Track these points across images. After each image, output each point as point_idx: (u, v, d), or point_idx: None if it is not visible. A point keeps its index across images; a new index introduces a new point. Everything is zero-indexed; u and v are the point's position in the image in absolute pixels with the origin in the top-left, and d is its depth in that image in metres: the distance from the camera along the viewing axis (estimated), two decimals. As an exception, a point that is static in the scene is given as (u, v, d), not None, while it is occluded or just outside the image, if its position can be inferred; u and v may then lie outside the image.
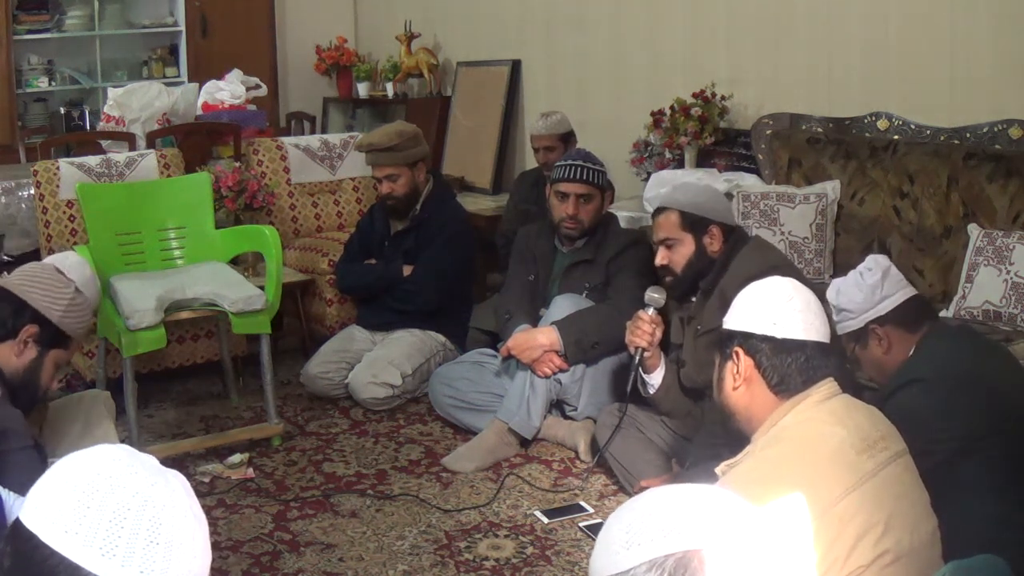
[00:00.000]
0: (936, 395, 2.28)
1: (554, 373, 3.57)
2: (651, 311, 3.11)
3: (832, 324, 2.13)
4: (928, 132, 4.00)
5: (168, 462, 1.14)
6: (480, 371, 3.87)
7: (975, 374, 2.32)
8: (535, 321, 3.70)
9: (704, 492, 1.13)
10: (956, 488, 2.19)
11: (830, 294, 2.55)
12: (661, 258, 3.11)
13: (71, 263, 3.12)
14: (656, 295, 3.12)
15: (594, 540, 1.17)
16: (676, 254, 3.07)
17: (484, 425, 3.64)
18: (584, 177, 3.71)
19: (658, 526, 1.08)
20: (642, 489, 2.87)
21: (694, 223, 3.06)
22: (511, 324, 3.71)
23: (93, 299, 3.19)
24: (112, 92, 5.59)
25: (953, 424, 2.25)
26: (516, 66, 6.22)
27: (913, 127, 4.06)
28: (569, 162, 3.76)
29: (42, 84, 6.99)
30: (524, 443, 3.64)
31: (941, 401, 2.27)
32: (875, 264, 2.49)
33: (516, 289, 3.89)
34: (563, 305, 3.62)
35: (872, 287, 2.46)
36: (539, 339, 3.55)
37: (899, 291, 2.47)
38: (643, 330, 3.08)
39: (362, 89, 7.27)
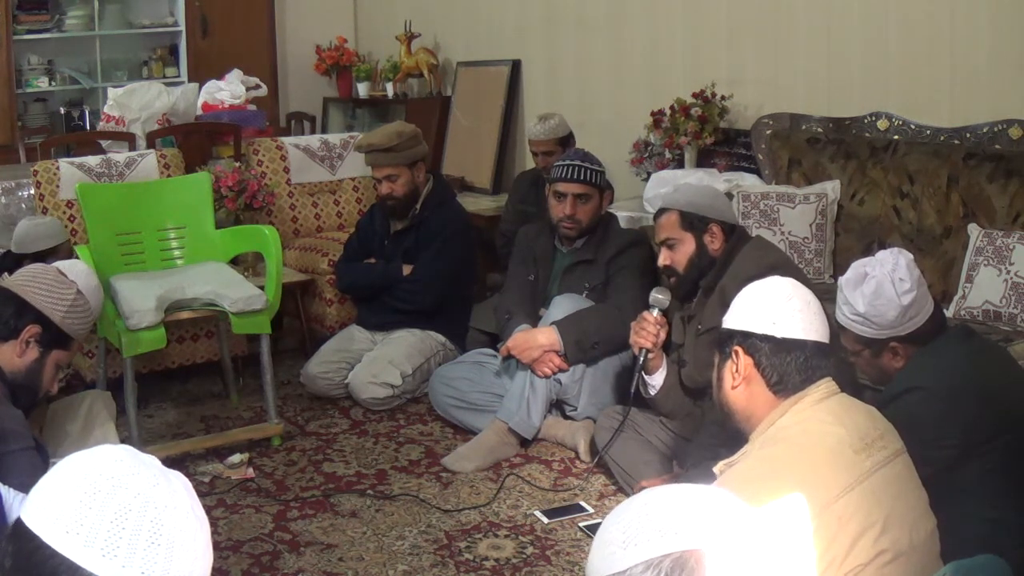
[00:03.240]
0: (935, 404, 2.26)
1: (554, 373, 3.57)
2: (656, 312, 3.10)
3: (830, 320, 2.12)
4: (928, 132, 4.00)
5: (168, 462, 1.14)
6: (480, 371, 3.88)
7: (974, 380, 2.30)
8: (535, 321, 3.70)
9: (701, 492, 1.13)
10: (954, 491, 2.18)
11: (851, 293, 2.40)
12: (663, 259, 3.11)
13: (78, 271, 3.13)
14: (661, 296, 3.12)
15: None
16: (678, 254, 3.08)
17: (484, 425, 3.65)
18: (581, 177, 3.71)
19: (655, 526, 1.08)
20: (641, 489, 2.86)
21: (694, 222, 3.06)
22: (511, 324, 3.71)
23: (96, 307, 3.20)
24: (112, 92, 5.59)
25: (953, 432, 2.24)
26: (516, 66, 6.22)
27: (913, 127, 4.06)
28: (567, 162, 3.76)
29: (42, 84, 6.98)
30: (524, 443, 3.64)
31: (941, 409, 2.25)
32: (907, 274, 2.34)
33: (516, 289, 3.89)
34: (563, 305, 3.62)
35: (906, 307, 2.34)
36: (539, 339, 3.55)
37: (924, 307, 2.37)
38: (648, 331, 3.09)
39: (362, 89, 7.27)
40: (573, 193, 3.72)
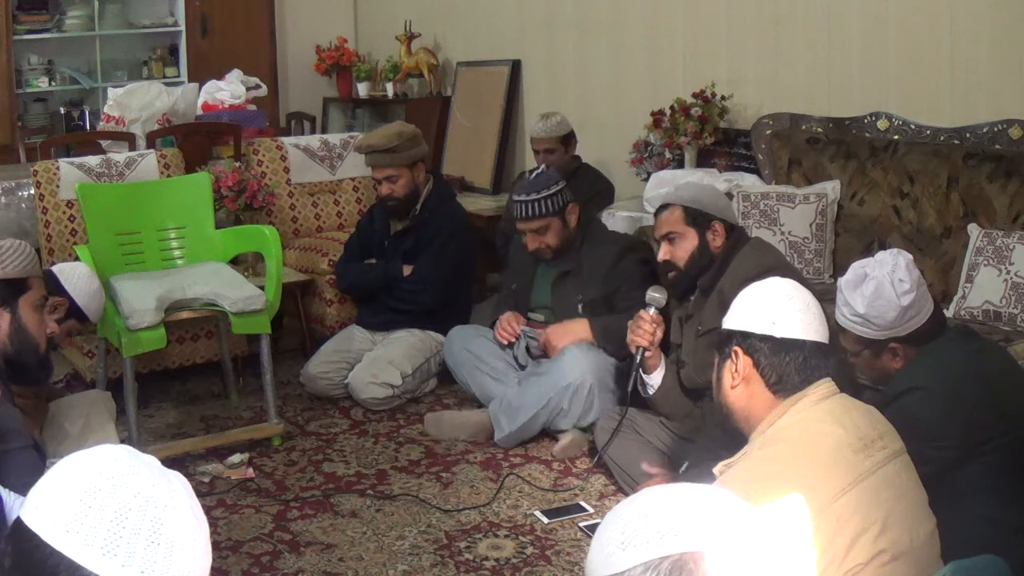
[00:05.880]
0: (936, 403, 2.26)
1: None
2: (652, 311, 3.11)
3: (829, 321, 2.11)
4: (928, 132, 4.00)
5: (168, 462, 1.14)
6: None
7: (974, 381, 2.30)
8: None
9: (701, 493, 1.12)
10: (955, 491, 2.18)
11: (852, 295, 2.40)
12: (664, 253, 3.10)
13: (80, 274, 3.13)
14: (657, 295, 3.12)
15: (594, 540, 1.17)
16: (679, 249, 3.07)
17: (491, 392, 3.74)
18: (530, 214, 3.68)
19: (654, 527, 1.07)
20: (647, 475, 2.85)
21: (697, 218, 3.06)
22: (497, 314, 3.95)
23: (98, 309, 3.19)
24: (112, 92, 5.59)
25: (953, 432, 2.24)
26: (516, 66, 6.22)
27: (913, 127, 4.06)
28: (516, 198, 3.74)
29: (42, 84, 6.99)
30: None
31: (941, 410, 2.25)
32: (907, 275, 2.34)
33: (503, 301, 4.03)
34: (576, 355, 3.58)
35: (906, 308, 2.34)
36: (578, 332, 3.65)
37: (924, 307, 2.37)
38: (645, 329, 3.09)
39: (362, 89, 7.27)
40: (529, 230, 3.72)
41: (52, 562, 1.00)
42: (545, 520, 3.12)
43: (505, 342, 3.84)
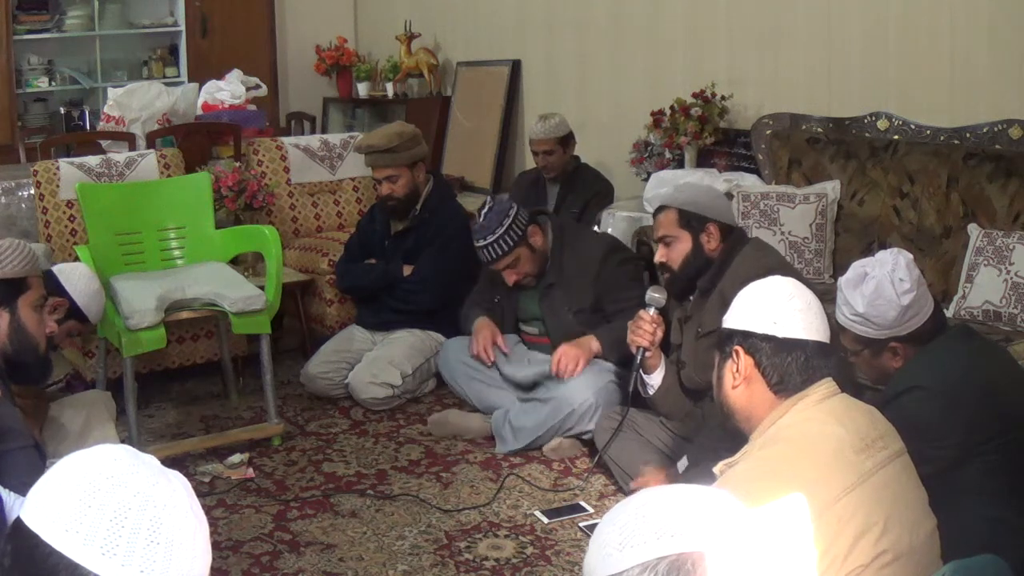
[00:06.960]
0: (936, 403, 2.26)
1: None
2: (652, 311, 3.11)
3: (830, 320, 2.11)
4: (928, 132, 4.00)
5: (168, 462, 1.14)
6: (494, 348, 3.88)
7: (974, 380, 2.30)
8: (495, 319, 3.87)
9: (699, 494, 1.12)
10: (955, 491, 2.18)
11: (852, 295, 2.39)
12: (660, 255, 3.11)
13: (80, 274, 3.12)
14: (657, 295, 3.12)
15: (594, 540, 1.17)
16: (674, 251, 3.08)
17: (490, 400, 3.75)
18: (495, 255, 3.67)
19: (652, 528, 1.07)
20: (634, 490, 2.85)
21: (691, 221, 3.06)
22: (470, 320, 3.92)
23: (98, 310, 3.19)
24: (112, 92, 5.59)
25: (953, 431, 2.24)
26: (516, 66, 6.23)
27: (913, 127, 4.06)
28: (477, 244, 3.71)
29: (42, 84, 6.99)
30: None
31: (941, 409, 2.25)
32: (907, 274, 2.34)
33: (477, 304, 3.98)
34: (582, 381, 3.56)
35: (906, 307, 2.34)
36: (592, 348, 3.59)
37: (924, 307, 2.37)
38: (645, 330, 3.09)
39: (362, 89, 7.28)
40: (501, 268, 3.71)
41: (52, 562, 1.00)
42: (545, 520, 3.12)
43: (489, 362, 3.79)
